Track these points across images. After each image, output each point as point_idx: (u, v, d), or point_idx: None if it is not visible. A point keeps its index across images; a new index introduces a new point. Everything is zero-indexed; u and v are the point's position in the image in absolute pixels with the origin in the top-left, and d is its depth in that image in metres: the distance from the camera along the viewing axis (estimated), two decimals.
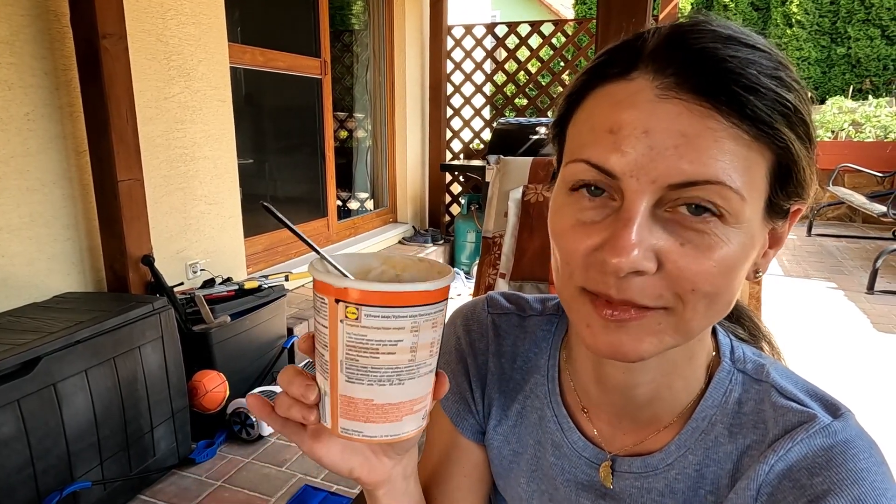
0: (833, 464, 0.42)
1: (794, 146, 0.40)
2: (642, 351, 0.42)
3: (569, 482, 0.55)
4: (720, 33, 0.40)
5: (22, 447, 1.42)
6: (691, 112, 0.38)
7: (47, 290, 1.91)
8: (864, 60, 7.02)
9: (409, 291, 0.37)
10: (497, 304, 0.63)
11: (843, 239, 5.20)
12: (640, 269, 0.39)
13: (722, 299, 0.42)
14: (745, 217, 0.40)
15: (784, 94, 0.39)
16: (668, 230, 0.39)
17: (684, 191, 0.38)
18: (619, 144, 0.39)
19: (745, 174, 0.39)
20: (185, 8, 2.33)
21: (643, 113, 0.39)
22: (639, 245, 0.38)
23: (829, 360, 2.74)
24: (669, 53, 0.39)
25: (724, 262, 0.39)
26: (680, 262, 0.39)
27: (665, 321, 0.41)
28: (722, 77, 0.38)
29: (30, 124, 1.83)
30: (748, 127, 0.38)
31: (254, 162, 3.27)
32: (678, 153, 0.38)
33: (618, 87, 0.41)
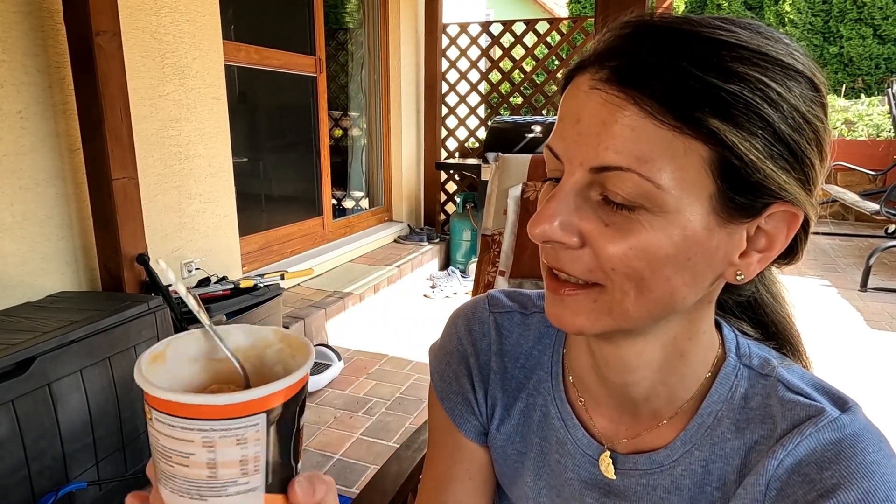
0: (842, 457, 0.42)
1: (727, 137, 0.38)
2: (580, 324, 0.45)
3: (573, 480, 0.55)
4: (661, 27, 0.41)
5: (16, 448, 1.40)
6: (610, 103, 0.40)
7: (41, 290, 1.89)
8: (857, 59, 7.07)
9: (192, 404, 0.33)
10: (498, 302, 0.62)
11: (836, 237, 5.23)
12: (554, 239, 0.42)
13: (653, 286, 0.42)
14: (671, 207, 0.40)
15: (716, 83, 0.38)
16: (595, 212, 0.42)
17: (604, 175, 0.41)
18: (561, 130, 0.44)
19: (667, 164, 0.39)
20: (180, 5, 2.32)
21: (577, 103, 0.43)
22: (556, 217, 0.42)
23: (823, 358, 2.75)
24: (607, 49, 0.42)
25: (641, 246, 0.41)
26: (599, 241, 0.42)
27: (600, 299, 0.44)
28: (640, 68, 0.40)
29: (22, 122, 1.82)
30: (666, 117, 0.39)
31: (248, 160, 3.26)
32: (598, 140, 0.41)
33: (576, 80, 0.44)
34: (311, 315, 2.73)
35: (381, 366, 2.68)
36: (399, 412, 2.26)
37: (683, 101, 0.38)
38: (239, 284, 2.35)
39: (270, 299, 2.37)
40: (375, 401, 2.35)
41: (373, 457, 1.97)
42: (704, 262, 0.42)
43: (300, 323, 2.64)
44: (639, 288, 0.42)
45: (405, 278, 3.69)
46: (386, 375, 2.58)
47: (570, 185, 0.42)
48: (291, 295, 3.00)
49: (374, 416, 2.23)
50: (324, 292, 3.08)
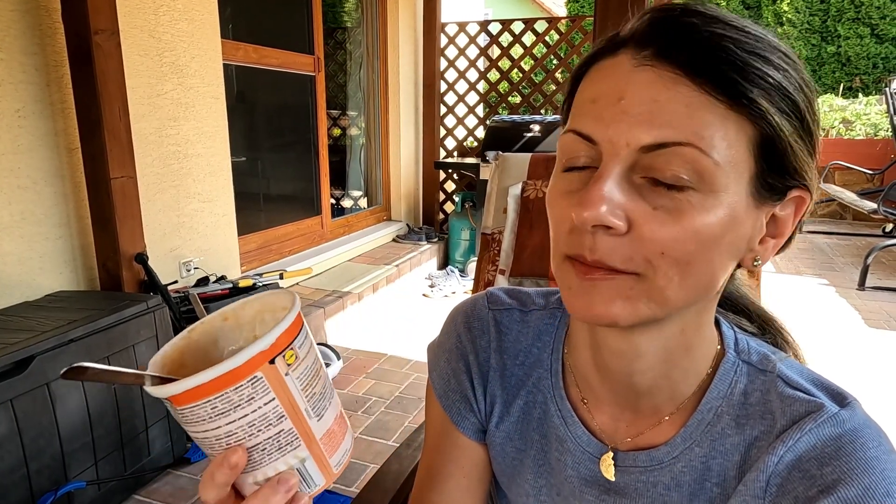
0: (843, 453, 0.42)
1: (773, 119, 0.40)
2: (613, 314, 0.42)
3: (573, 477, 0.55)
4: (703, 13, 0.41)
5: (15, 447, 1.40)
6: (663, 79, 0.40)
7: (39, 289, 1.89)
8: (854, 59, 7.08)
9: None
10: (498, 299, 0.62)
11: (833, 236, 5.24)
12: (606, 224, 0.40)
13: (697, 270, 0.42)
14: (722, 185, 0.40)
15: (765, 70, 0.40)
16: (641, 194, 0.41)
17: (656, 153, 0.40)
18: (597, 111, 0.42)
19: (721, 142, 0.40)
20: (178, 4, 2.31)
21: (619, 81, 0.41)
22: (606, 201, 0.40)
23: (821, 357, 2.76)
24: (650, 30, 0.42)
25: (694, 228, 0.40)
26: (650, 224, 0.40)
27: (637, 287, 0.42)
28: (695, 47, 0.40)
29: (20, 121, 1.81)
30: (720, 94, 0.39)
31: (247, 159, 3.25)
32: (650, 117, 0.39)
33: (604, 63, 0.43)
34: (310, 314, 2.73)
35: (380, 365, 2.67)
36: (398, 411, 2.26)
37: (738, 81, 0.39)
38: (238, 284, 2.34)
39: None
40: (374, 400, 2.35)
41: (372, 456, 1.97)
42: (735, 246, 0.43)
43: None
44: (683, 273, 0.41)
45: (404, 277, 3.69)
46: (385, 374, 2.58)
47: (614, 166, 0.40)
48: None
49: (374, 416, 2.23)
50: (322, 291, 3.08)
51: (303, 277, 3.18)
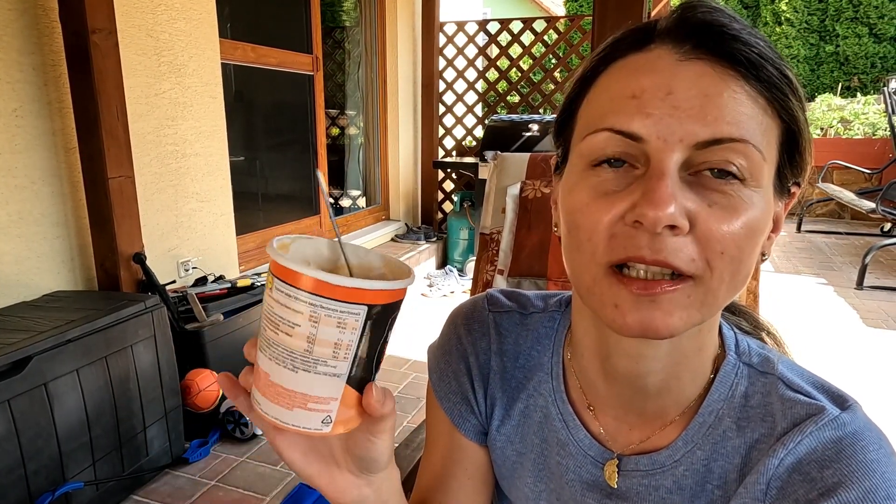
0: (843, 456, 0.42)
1: (800, 117, 0.42)
2: (672, 326, 0.40)
3: (574, 481, 0.55)
4: (725, 11, 0.42)
5: (13, 448, 1.40)
6: (714, 71, 0.40)
7: (37, 289, 1.89)
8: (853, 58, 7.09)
9: (307, 276, 0.37)
10: (498, 302, 0.62)
11: (832, 235, 5.25)
12: (676, 224, 0.38)
13: (744, 268, 0.42)
14: (765, 180, 0.41)
15: (786, 69, 0.42)
16: (695, 192, 0.40)
17: (710, 150, 0.39)
18: (643, 107, 0.40)
19: (763, 137, 0.40)
20: (176, 3, 2.31)
21: (665, 75, 0.40)
22: (672, 199, 0.38)
23: (819, 356, 2.77)
24: (685, 25, 0.42)
25: (748, 224, 0.40)
26: (709, 221, 0.39)
27: (694, 293, 0.40)
28: (738, 43, 0.40)
29: (18, 120, 1.81)
30: (762, 90, 0.40)
31: (245, 159, 3.25)
32: (703, 112, 0.39)
33: (635, 58, 0.42)
34: None
35: None
36: (398, 411, 2.25)
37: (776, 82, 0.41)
38: (236, 283, 2.34)
39: None
40: None
41: None
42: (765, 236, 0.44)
43: None
44: (734, 272, 0.40)
45: None
46: (383, 374, 2.57)
47: (672, 163, 0.39)
48: None
49: None
50: None
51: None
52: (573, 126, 0.47)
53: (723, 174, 0.40)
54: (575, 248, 0.44)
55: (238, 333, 2.19)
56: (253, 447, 2.00)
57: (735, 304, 0.59)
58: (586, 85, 0.45)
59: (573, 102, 0.47)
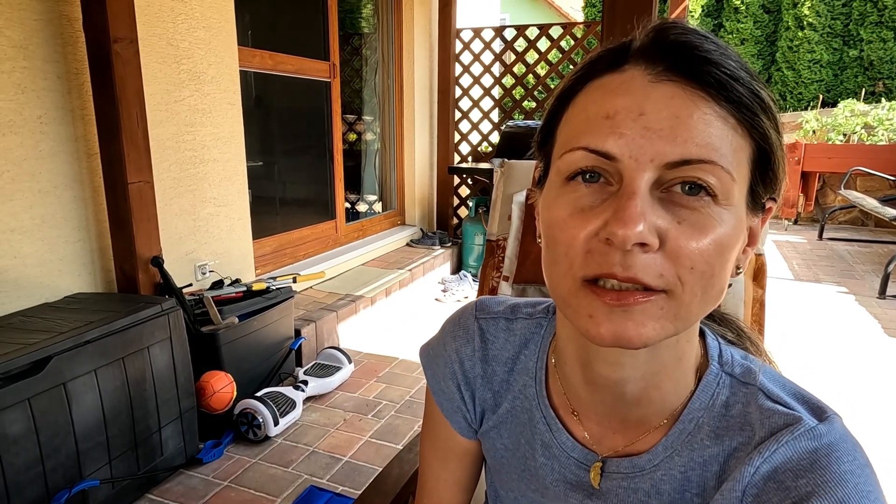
0: (817, 466, 0.42)
1: (771, 135, 0.43)
2: (646, 336, 0.42)
3: (558, 482, 0.56)
4: (698, 31, 0.43)
5: (32, 445, 1.44)
6: (684, 93, 0.41)
7: (58, 291, 1.94)
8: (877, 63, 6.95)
9: None
10: (486, 308, 0.64)
11: (854, 243, 5.15)
12: (645, 242, 0.39)
13: (716, 283, 0.43)
14: (735, 199, 0.42)
15: (758, 88, 0.43)
16: (665, 209, 0.41)
17: (680, 170, 0.40)
18: (616, 127, 0.41)
19: (733, 157, 0.41)
20: (196, 12, 2.36)
21: (638, 97, 0.41)
22: (643, 217, 0.39)
23: (839, 365, 2.72)
24: (658, 46, 0.42)
25: (718, 240, 0.41)
26: (679, 239, 0.40)
27: (666, 306, 0.42)
28: (708, 65, 0.41)
29: (42, 127, 1.86)
30: (733, 111, 0.41)
31: (263, 164, 3.30)
32: (673, 133, 0.40)
33: (610, 79, 0.43)
34: (323, 318, 2.75)
35: (391, 369, 2.69)
36: (408, 415, 2.27)
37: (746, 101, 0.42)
38: (251, 287, 2.38)
39: (283, 302, 2.40)
40: (385, 404, 2.36)
41: (381, 459, 1.98)
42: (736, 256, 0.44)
43: (311, 325, 2.66)
44: (706, 286, 0.42)
45: (417, 282, 3.71)
46: (396, 378, 2.59)
47: (643, 182, 0.40)
48: (303, 298, 3.02)
49: (384, 419, 2.24)
50: (335, 295, 3.10)
51: (316, 281, 3.21)
52: (553, 142, 0.48)
53: (694, 189, 0.41)
54: (553, 262, 0.45)
55: (252, 336, 2.23)
56: (265, 449, 2.03)
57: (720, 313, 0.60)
58: (565, 102, 0.47)
59: (553, 119, 0.48)
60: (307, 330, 2.63)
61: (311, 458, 1.98)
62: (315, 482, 1.85)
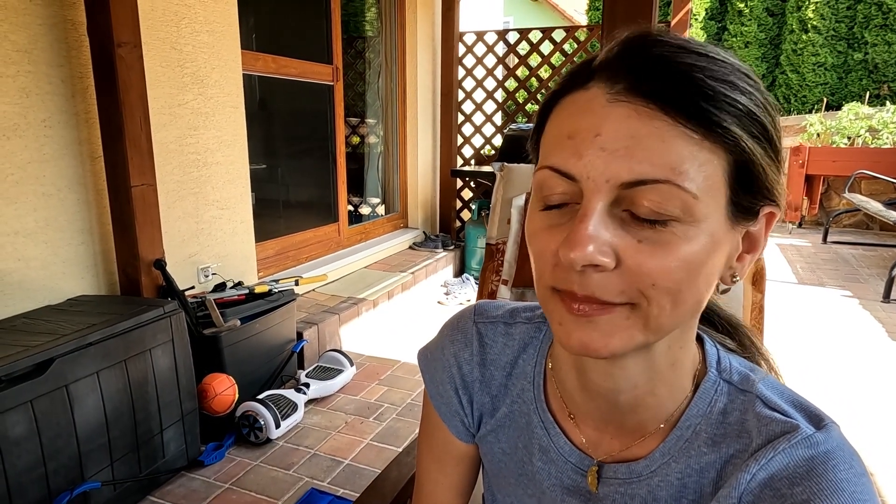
0: (813, 474, 0.42)
1: (747, 145, 0.41)
2: (612, 346, 0.42)
3: (555, 486, 0.56)
4: (670, 43, 0.42)
5: (34, 447, 1.45)
6: (639, 114, 0.40)
7: (62, 293, 1.95)
8: (882, 66, 6.93)
9: None
10: (484, 313, 0.64)
11: (858, 247, 5.13)
12: (595, 263, 0.40)
13: (688, 297, 0.42)
14: (701, 215, 0.41)
15: (734, 97, 0.40)
16: (625, 229, 0.41)
17: (636, 190, 0.40)
18: (576, 148, 0.42)
19: (698, 173, 0.40)
20: (199, 16, 2.37)
21: (596, 117, 0.41)
22: (593, 240, 0.40)
23: (843, 370, 2.71)
24: (620, 62, 0.42)
25: (680, 258, 0.41)
26: (637, 258, 0.40)
27: (633, 316, 0.42)
28: (668, 80, 0.40)
29: (46, 130, 1.88)
30: (695, 126, 0.40)
31: (266, 167, 3.31)
32: (628, 153, 0.40)
33: (577, 96, 0.43)
34: (325, 320, 2.76)
35: (393, 372, 2.69)
36: (409, 418, 2.27)
37: (710, 111, 0.40)
38: (254, 290, 2.38)
39: (285, 304, 2.40)
40: (386, 406, 2.36)
41: (382, 462, 1.98)
42: (717, 268, 0.44)
43: (314, 328, 2.67)
44: (675, 301, 0.42)
45: (419, 285, 3.71)
46: (397, 381, 2.59)
47: (598, 203, 0.41)
48: (306, 300, 3.03)
49: (385, 422, 2.24)
50: (338, 298, 3.11)
51: (318, 284, 3.22)
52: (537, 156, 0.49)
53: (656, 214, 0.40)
54: (533, 269, 0.47)
55: (254, 339, 2.23)
56: (267, 452, 2.03)
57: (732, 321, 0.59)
58: (545, 117, 0.47)
59: (537, 131, 0.49)
60: (309, 332, 2.63)
61: (312, 461, 1.98)
62: (316, 485, 1.85)
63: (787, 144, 5.76)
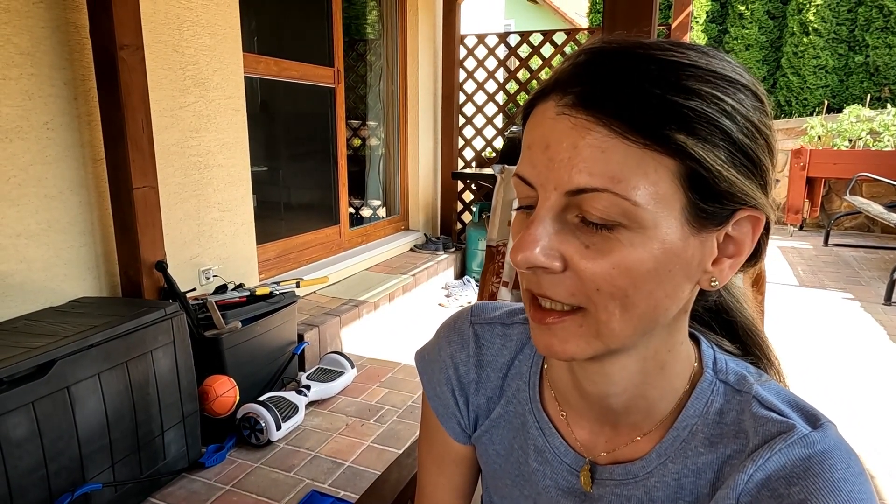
0: (811, 473, 0.42)
1: (695, 151, 0.40)
2: (571, 351, 0.45)
3: (551, 487, 0.56)
4: (612, 51, 0.42)
5: (35, 449, 1.45)
6: (580, 126, 0.41)
7: (64, 295, 1.95)
8: (883, 69, 6.93)
9: None
10: (481, 314, 0.64)
11: (860, 249, 5.13)
12: (538, 265, 0.43)
13: (638, 303, 0.43)
14: (648, 222, 0.41)
15: (678, 101, 0.40)
16: (574, 234, 0.43)
17: (579, 198, 0.41)
18: (531, 158, 0.44)
19: (641, 181, 0.40)
20: (201, 19, 2.38)
21: (545, 130, 0.43)
22: (538, 243, 0.42)
23: (844, 372, 2.70)
24: (569, 75, 0.43)
25: (623, 264, 0.41)
26: (581, 263, 0.42)
27: (585, 323, 0.44)
28: (608, 92, 0.41)
29: (49, 133, 1.88)
30: (635, 136, 0.40)
31: (267, 169, 3.31)
32: (570, 164, 0.41)
33: (539, 108, 0.45)
34: (326, 322, 2.76)
35: (393, 374, 2.69)
36: (410, 420, 2.27)
37: (650, 119, 0.40)
38: (255, 292, 2.39)
39: (286, 306, 2.40)
40: (387, 409, 2.36)
41: (382, 464, 1.98)
42: (682, 273, 0.43)
43: (315, 330, 2.67)
44: (623, 306, 0.42)
45: (420, 287, 3.71)
46: (398, 383, 2.60)
47: (547, 209, 0.43)
48: (307, 302, 3.03)
49: (386, 424, 2.24)
50: (339, 300, 3.11)
51: (319, 286, 3.22)
52: None
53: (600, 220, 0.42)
54: None
55: (255, 341, 2.24)
56: (268, 453, 2.03)
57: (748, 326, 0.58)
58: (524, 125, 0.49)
59: None
60: (310, 335, 2.63)
61: (312, 463, 1.98)
62: (317, 487, 1.85)
63: (789, 147, 5.76)
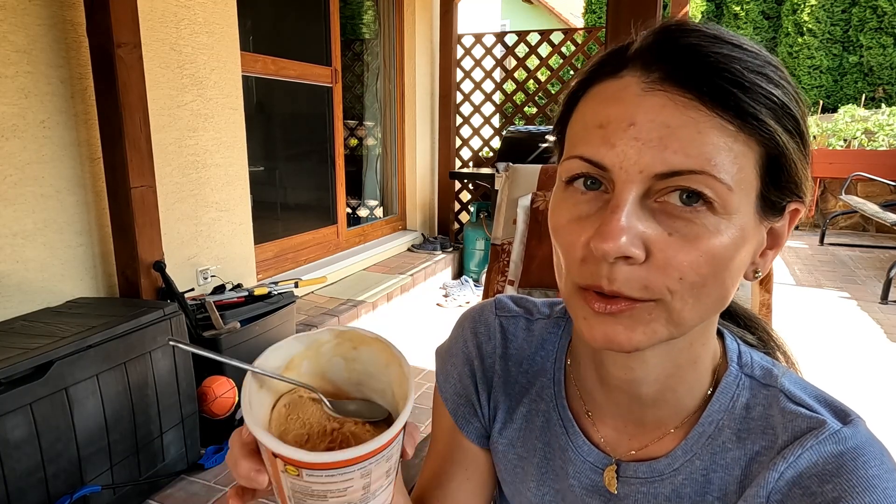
0: (844, 470, 0.42)
1: (781, 139, 0.40)
2: (636, 341, 0.42)
3: (575, 486, 0.55)
4: (705, 32, 0.41)
5: (33, 450, 1.43)
6: (675, 103, 0.39)
7: (61, 295, 1.93)
8: (877, 69, 6.98)
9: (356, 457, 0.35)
10: (505, 307, 0.63)
11: (856, 248, 5.15)
12: (627, 255, 0.39)
13: (712, 292, 0.42)
14: (734, 208, 0.40)
15: (770, 89, 0.40)
16: (656, 220, 0.40)
17: (670, 180, 0.39)
18: (607, 138, 0.41)
19: (732, 165, 0.39)
20: (199, 18, 2.36)
21: (629, 106, 0.40)
22: (626, 231, 0.39)
23: (841, 371, 2.71)
24: (655, 51, 0.41)
25: (711, 252, 0.40)
26: (667, 250, 0.40)
27: (656, 311, 0.41)
28: (705, 70, 0.39)
29: (45, 131, 1.86)
30: (732, 118, 0.39)
31: (265, 169, 3.30)
32: (663, 144, 0.39)
33: (608, 85, 0.43)
34: (325, 323, 2.75)
35: None
36: (410, 420, 2.26)
37: (746, 102, 0.39)
38: (253, 292, 2.37)
39: (284, 307, 2.39)
40: None
41: None
42: (744, 263, 0.43)
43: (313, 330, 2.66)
44: (699, 295, 0.41)
45: (418, 287, 3.70)
46: None
47: (630, 193, 0.40)
48: (305, 303, 3.02)
49: None
50: (337, 300, 3.10)
51: (317, 286, 3.21)
52: (562, 146, 0.48)
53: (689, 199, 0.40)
54: (557, 264, 0.46)
55: (254, 341, 2.22)
56: None
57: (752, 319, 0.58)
58: (571, 107, 0.46)
59: (562, 122, 0.48)
60: None
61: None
62: None
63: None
